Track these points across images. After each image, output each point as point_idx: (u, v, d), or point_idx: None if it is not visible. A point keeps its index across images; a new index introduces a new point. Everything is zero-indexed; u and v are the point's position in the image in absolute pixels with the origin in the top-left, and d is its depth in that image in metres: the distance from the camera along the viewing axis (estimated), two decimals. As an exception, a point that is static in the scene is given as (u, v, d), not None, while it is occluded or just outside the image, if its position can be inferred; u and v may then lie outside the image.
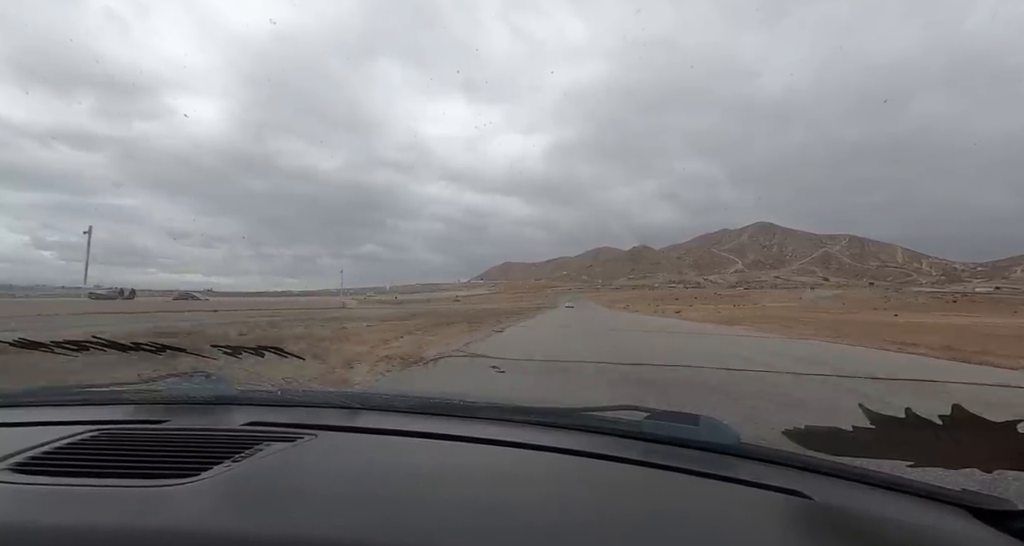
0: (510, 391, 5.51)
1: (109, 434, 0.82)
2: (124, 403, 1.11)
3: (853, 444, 0.66)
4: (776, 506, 0.69)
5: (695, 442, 0.87)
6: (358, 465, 0.79)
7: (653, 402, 2.32)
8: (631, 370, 7.03)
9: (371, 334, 12.20)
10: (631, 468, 0.79)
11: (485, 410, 1.09)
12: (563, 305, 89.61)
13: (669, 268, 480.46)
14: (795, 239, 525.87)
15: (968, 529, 0.68)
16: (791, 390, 5.83)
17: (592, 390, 5.46)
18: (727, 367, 7.65)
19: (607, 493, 0.72)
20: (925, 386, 6.47)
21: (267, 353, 1.20)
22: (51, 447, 0.75)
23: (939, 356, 10.48)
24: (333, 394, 1.26)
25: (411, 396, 1.21)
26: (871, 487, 0.79)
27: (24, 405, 1.12)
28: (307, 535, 0.51)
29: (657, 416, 0.94)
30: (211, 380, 1.20)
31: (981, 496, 0.74)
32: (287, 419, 0.98)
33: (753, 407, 4.54)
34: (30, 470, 0.66)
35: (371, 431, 0.94)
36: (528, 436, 0.91)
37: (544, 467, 0.81)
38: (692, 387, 5.85)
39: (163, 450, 0.75)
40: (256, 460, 0.72)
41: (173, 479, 0.63)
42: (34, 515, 0.55)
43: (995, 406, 5.18)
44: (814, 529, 0.63)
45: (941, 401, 2.63)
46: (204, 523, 0.54)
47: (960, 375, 7.59)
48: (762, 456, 0.86)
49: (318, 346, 8.83)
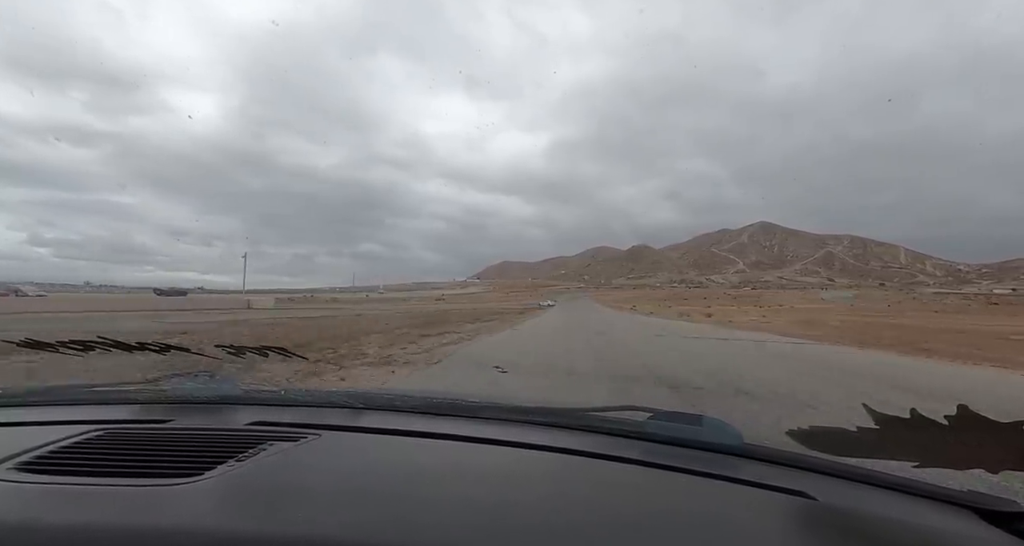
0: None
1: (113, 434, 0.83)
2: (128, 403, 1.12)
3: (857, 444, 0.65)
4: (780, 506, 0.69)
5: (698, 442, 0.87)
6: (361, 465, 0.79)
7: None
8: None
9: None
10: (634, 468, 0.79)
11: (488, 410, 1.10)
12: (546, 303, 73.91)
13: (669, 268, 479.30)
14: (796, 239, 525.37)
15: (974, 530, 0.67)
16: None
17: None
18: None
19: (610, 493, 0.72)
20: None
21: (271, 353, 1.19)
22: (56, 446, 0.75)
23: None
24: (336, 394, 1.25)
25: (414, 396, 1.23)
26: (876, 488, 0.78)
27: (29, 405, 1.13)
28: (311, 534, 0.51)
29: (660, 416, 0.94)
30: (215, 380, 1.22)
31: (987, 497, 0.73)
32: (291, 419, 0.98)
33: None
34: (35, 469, 0.67)
35: (374, 431, 0.94)
36: (531, 436, 0.91)
37: (547, 467, 0.81)
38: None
39: (167, 449, 0.75)
40: (260, 460, 0.73)
41: (177, 478, 0.64)
42: (39, 514, 0.56)
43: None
44: (819, 530, 0.63)
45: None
46: (208, 522, 0.54)
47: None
48: (766, 456, 0.86)
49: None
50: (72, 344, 1.05)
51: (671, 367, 7.70)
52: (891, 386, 6.77)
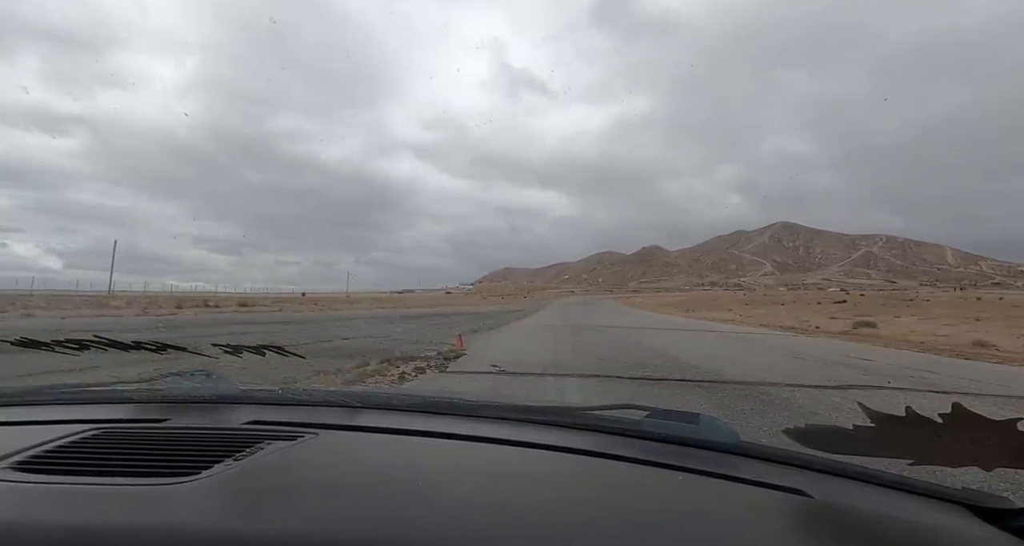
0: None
1: (110, 433, 0.82)
2: (125, 402, 1.12)
3: (853, 442, 0.66)
4: (776, 504, 0.69)
5: (695, 441, 0.87)
6: (359, 464, 0.79)
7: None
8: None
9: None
10: (631, 467, 0.79)
11: (486, 409, 1.09)
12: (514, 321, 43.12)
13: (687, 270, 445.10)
14: (823, 239, 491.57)
15: (968, 527, 0.68)
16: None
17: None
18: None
19: (607, 491, 0.72)
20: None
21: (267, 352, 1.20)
22: (53, 446, 0.75)
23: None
24: (334, 393, 1.24)
25: (412, 395, 1.24)
26: (872, 485, 0.78)
27: (25, 404, 1.12)
28: (308, 533, 0.51)
29: (657, 415, 0.94)
30: (212, 379, 1.21)
31: (982, 494, 0.74)
32: (288, 418, 0.98)
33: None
34: (32, 469, 0.67)
35: (372, 430, 0.94)
36: (528, 435, 0.91)
37: (544, 466, 0.81)
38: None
39: (164, 449, 0.75)
40: (257, 459, 0.72)
41: (174, 478, 0.63)
42: (35, 513, 0.56)
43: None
44: (815, 527, 0.63)
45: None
46: (205, 521, 0.54)
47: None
48: (762, 454, 0.86)
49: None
50: (68, 343, 1.05)
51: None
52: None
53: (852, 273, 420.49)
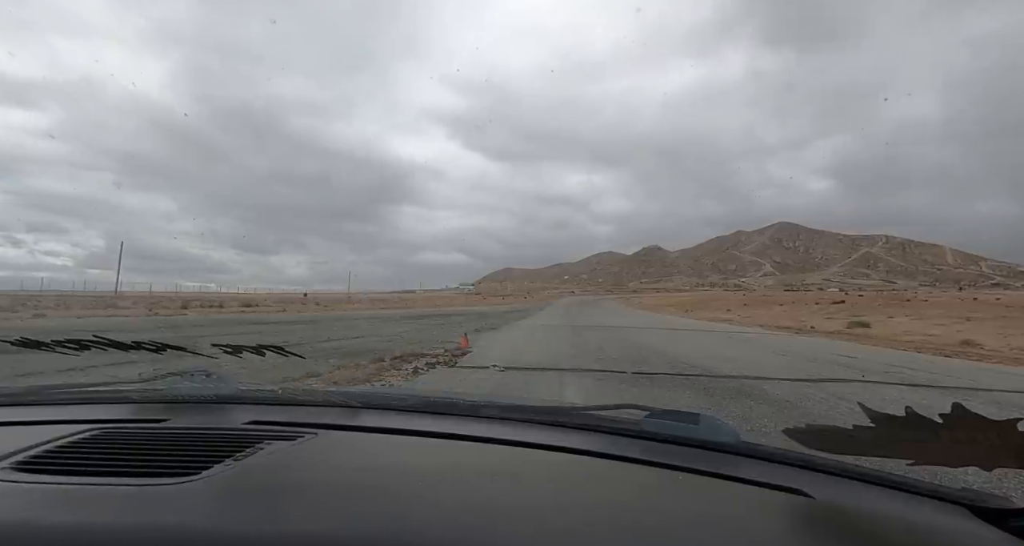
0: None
1: (110, 433, 0.82)
2: (125, 402, 1.12)
3: (853, 442, 0.66)
4: (777, 504, 0.69)
5: (695, 440, 0.87)
6: (359, 464, 0.79)
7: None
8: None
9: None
10: (631, 466, 0.79)
11: (486, 409, 1.09)
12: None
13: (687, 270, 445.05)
14: (822, 240, 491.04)
15: (968, 527, 0.68)
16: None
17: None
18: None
19: (608, 491, 0.72)
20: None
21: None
22: (52, 446, 0.75)
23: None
24: (334, 393, 1.24)
25: (412, 395, 1.24)
26: (872, 485, 0.78)
27: (25, 404, 1.13)
28: (308, 534, 0.51)
29: (657, 415, 0.94)
30: (212, 379, 1.21)
31: (982, 494, 0.74)
32: (288, 418, 0.98)
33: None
34: (31, 469, 0.67)
35: (372, 430, 0.94)
36: (528, 435, 0.91)
37: (545, 466, 0.81)
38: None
39: (164, 449, 0.75)
40: (257, 459, 0.73)
41: (174, 478, 0.64)
42: (35, 514, 0.56)
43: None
44: (815, 527, 0.63)
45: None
46: (204, 522, 0.54)
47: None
48: (762, 454, 0.86)
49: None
50: (68, 343, 1.06)
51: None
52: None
53: (852, 273, 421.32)
